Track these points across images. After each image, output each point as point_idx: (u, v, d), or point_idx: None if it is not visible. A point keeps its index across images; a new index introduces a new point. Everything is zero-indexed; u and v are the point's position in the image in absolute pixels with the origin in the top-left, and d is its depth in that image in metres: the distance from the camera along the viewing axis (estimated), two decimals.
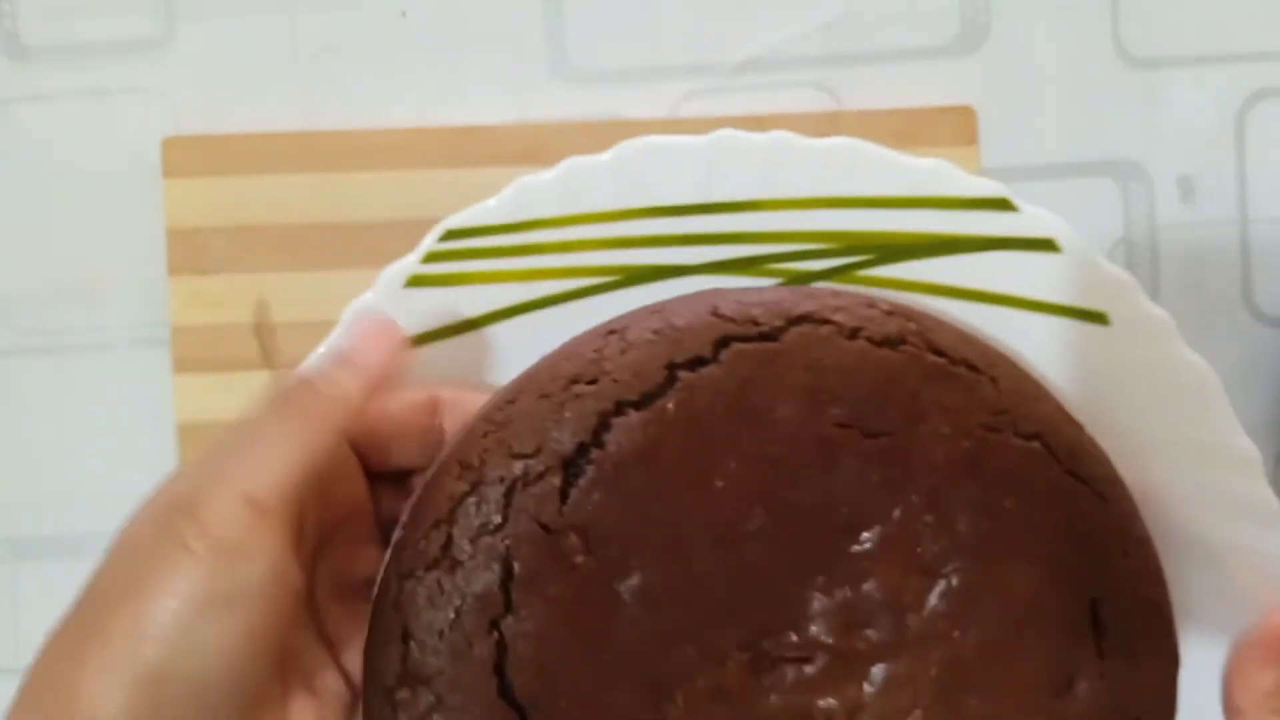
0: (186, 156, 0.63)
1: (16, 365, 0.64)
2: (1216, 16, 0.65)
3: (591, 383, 0.39)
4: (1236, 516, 0.42)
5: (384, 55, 0.64)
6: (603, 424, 0.38)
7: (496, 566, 0.38)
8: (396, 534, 0.40)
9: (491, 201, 0.44)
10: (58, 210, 0.64)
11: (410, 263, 0.44)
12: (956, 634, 0.38)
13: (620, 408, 0.39)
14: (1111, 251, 0.66)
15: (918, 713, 0.38)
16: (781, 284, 0.43)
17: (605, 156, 0.43)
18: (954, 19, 0.65)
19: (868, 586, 0.38)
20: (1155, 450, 0.42)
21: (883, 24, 0.65)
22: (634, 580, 0.38)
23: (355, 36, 0.64)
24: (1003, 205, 0.42)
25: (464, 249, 0.44)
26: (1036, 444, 0.39)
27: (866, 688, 0.38)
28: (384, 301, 0.43)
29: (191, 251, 0.62)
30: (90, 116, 0.64)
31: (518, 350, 0.43)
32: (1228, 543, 0.42)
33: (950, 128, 0.64)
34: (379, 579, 0.40)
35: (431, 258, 0.44)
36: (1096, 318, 0.42)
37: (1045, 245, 0.42)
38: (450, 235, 0.44)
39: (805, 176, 0.43)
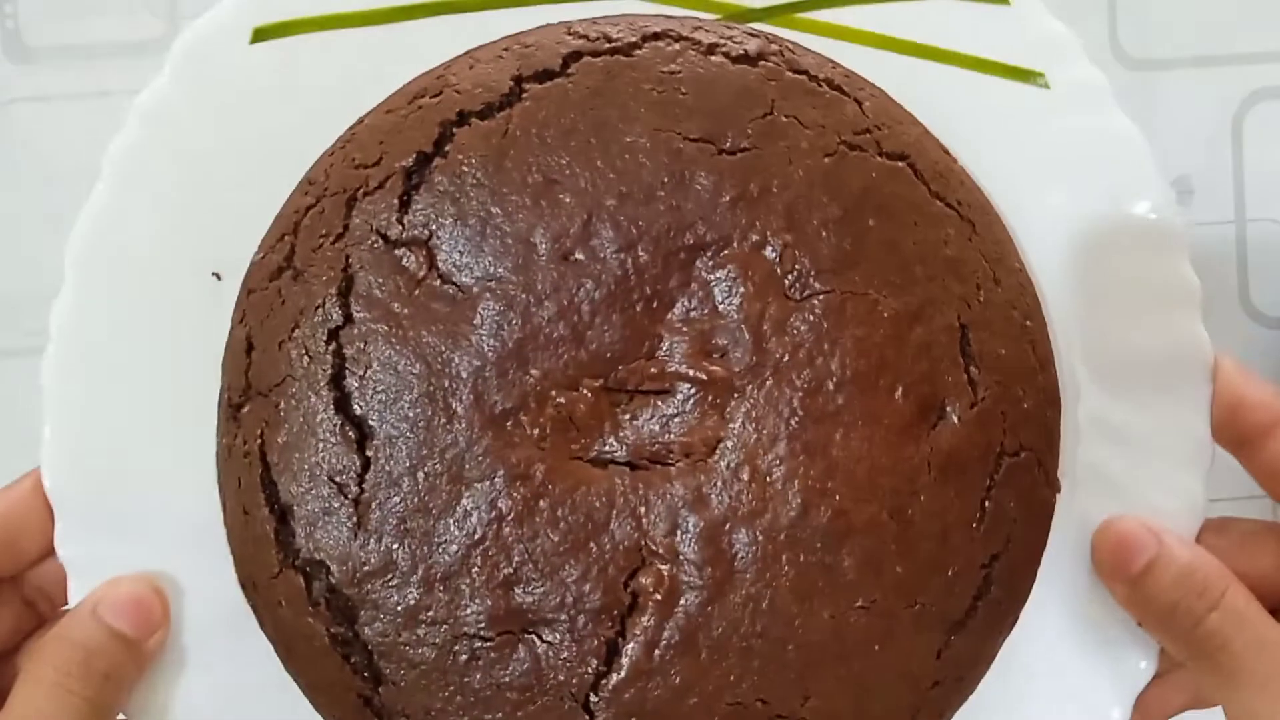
0: None
1: (19, 365, 0.64)
2: (1213, 19, 0.65)
3: (436, 96, 0.38)
4: (1152, 293, 0.40)
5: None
6: (445, 134, 0.37)
7: (336, 276, 0.36)
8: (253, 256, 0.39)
9: None
10: (60, 211, 0.61)
11: None
12: (819, 360, 0.36)
13: (464, 118, 0.37)
14: None
15: (780, 445, 0.35)
16: (719, 19, 0.40)
17: None
18: None
19: (725, 310, 0.36)
20: (1082, 218, 0.40)
21: None
22: (477, 297, 0.36)
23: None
24: None
25: None
26: (901, 164, 0.37)
27: (726, 419, 0.36)
28: None
29: None
30: (92, 117, 0.63)
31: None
32: (1144, 322, 0.40)
33: None
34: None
35: None
36: (1034, 77, 0.40)
37: None
38: None
39: None
